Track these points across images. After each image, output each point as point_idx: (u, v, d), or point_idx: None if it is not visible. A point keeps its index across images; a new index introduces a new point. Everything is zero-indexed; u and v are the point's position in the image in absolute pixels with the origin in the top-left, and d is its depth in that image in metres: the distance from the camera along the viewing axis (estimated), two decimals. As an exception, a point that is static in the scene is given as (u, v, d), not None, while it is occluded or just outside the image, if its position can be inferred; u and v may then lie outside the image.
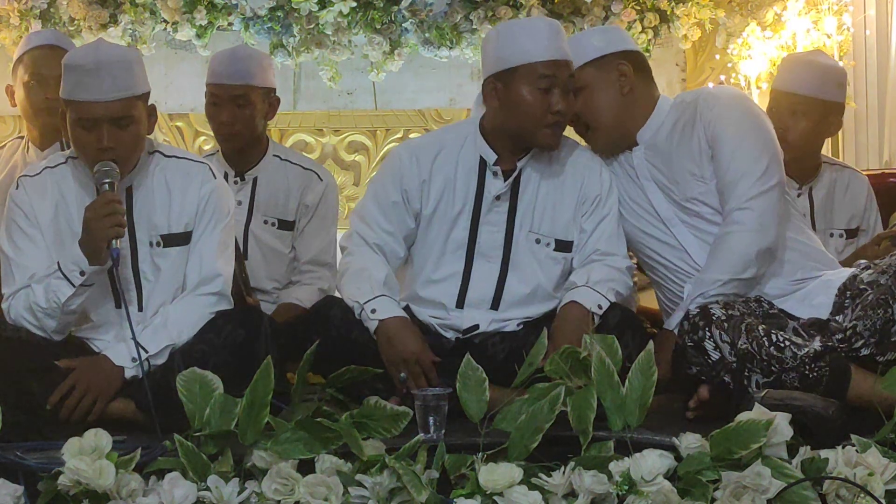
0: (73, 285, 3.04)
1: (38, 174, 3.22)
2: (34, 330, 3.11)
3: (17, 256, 3.15)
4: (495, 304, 3.30)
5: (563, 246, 3.32)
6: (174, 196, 3.19)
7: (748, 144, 3.26)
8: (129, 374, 3.04)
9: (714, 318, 3.06)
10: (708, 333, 3.05)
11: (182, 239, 3.19)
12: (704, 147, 3.28)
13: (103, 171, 3.06)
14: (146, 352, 3.04)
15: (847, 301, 3.14)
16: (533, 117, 3.22)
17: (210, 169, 3.26)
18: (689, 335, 3.09)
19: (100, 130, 3.06)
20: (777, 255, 3.26)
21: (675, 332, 3.20)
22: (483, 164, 3.31)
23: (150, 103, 3.19)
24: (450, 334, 3.29)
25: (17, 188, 3.21)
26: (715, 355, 3.05)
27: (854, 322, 3.04)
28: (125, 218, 3.07)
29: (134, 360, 3.02)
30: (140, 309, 3.15)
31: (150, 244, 3.17)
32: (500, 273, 3.30)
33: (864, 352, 3.02)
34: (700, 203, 3.29)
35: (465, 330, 3.28)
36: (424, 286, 3.33)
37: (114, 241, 3.00)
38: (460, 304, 3.30)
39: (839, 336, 3.04)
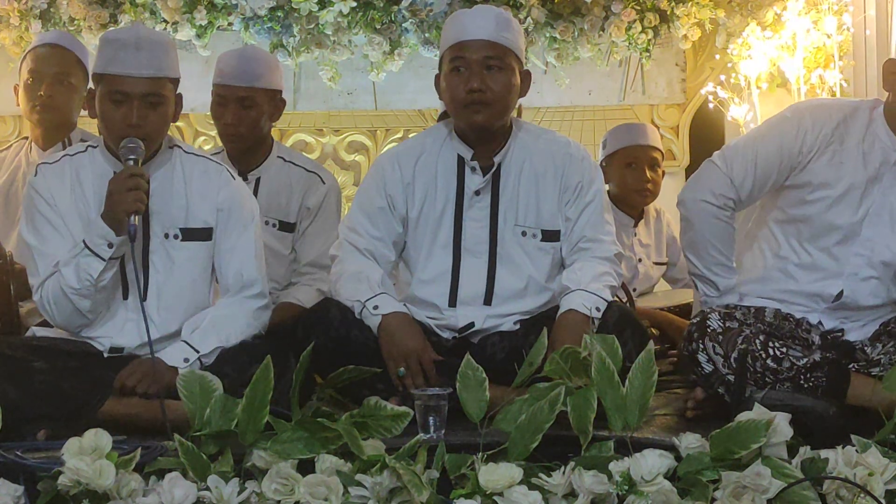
0: (103, 259, 3.07)
1: (56, 161, 3.25)
2: (65, 319, 3.13)
3: (41, 244, 3.16)
4: (487, 300, 3.30)
5: (550, 236, 3.32)
6: (192, 191, 3.21)
7: None
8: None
9: (709, 330, 3.06)
10: (701, 346, 3.05)
11: (202, 234, 3.22)
12: None
13: (129, 146, 3.08)
14: (195, 349, 3.06)
15: (884, 336, 3.16)
16: (453, 100, 3.24)
17: (228, 171, 3.30)
18: (686, 345, 3.09)
19: (130, 106, 3.10)
20: None
21: None
22: (462, 161, 3.32)
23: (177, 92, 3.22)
24: (447, 334, 3.29)
25: (35, 175, 3.22)
26: (708, 367, 3.05)
27: (880, 356, 3.08)
28: (146, 195, 3.07)
29: (186, 360, 3.05)
30: (143, 299, 3.16)
31: (166, 235, 3.19)
32: (489, 268, 3.30)
33: (874, 372, 3.04)
34: None
35: (461, 329, 3.29)
36: (417, 287, 3.34)
37: (132, 217, 3.02)
38: (452, 302, 3.31)
39: (862, 363, 3.07)
